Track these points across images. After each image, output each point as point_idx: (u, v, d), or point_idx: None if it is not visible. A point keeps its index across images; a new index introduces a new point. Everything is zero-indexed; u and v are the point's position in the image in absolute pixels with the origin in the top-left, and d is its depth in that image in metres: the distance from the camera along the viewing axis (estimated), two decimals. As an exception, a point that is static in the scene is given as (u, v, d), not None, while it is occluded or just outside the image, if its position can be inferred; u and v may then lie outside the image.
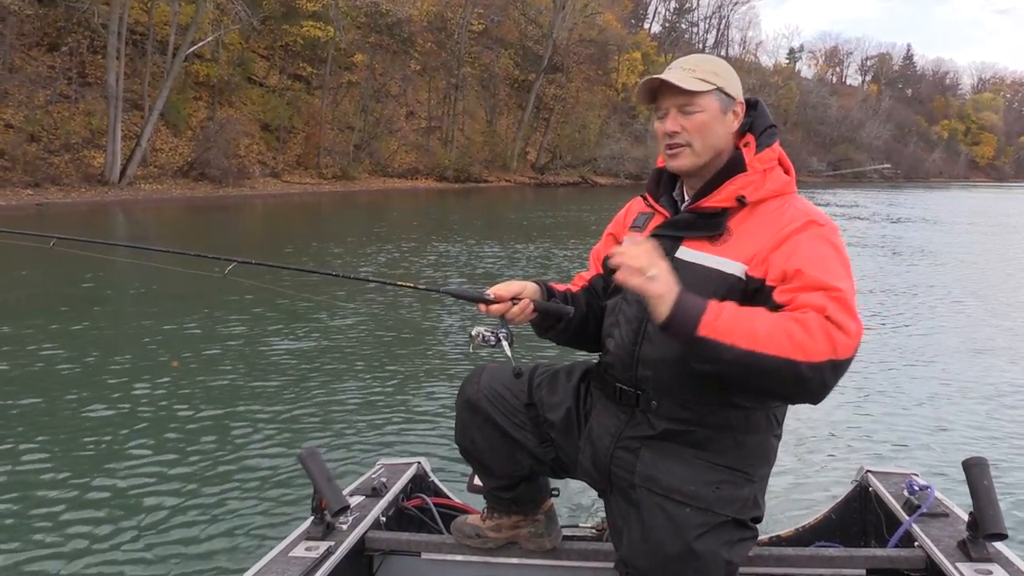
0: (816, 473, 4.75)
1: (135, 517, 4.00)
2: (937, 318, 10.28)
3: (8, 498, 4.18)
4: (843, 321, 1.55)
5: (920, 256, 17.68)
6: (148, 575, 3.52)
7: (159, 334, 7.95)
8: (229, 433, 5.22)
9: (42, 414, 5.53)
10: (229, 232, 20.97)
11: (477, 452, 2.13)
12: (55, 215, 22.51)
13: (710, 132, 1.80)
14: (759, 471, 1.79)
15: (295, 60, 40.72)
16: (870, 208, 35.45)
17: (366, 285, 10.59)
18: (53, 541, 3.76)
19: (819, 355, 1.53)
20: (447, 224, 22.88)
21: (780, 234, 1.69)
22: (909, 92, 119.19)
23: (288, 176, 36.71)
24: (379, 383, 6.46)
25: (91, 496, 4.23)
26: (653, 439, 1.81)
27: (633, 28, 72.38)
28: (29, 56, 29.63)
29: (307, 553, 2.13)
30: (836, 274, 1.62)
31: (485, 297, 1.92)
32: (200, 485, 4.41)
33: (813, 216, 1.73)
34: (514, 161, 50.82)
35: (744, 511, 1.76)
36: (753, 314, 1.58)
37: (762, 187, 1.77)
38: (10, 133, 26.73)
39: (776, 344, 1.52)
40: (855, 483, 2.78)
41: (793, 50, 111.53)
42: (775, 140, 1.84)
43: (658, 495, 1.78)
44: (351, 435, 5.26)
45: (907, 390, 6.75)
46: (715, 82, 1.80)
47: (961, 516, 2.30)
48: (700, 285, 1.69)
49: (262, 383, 6.32)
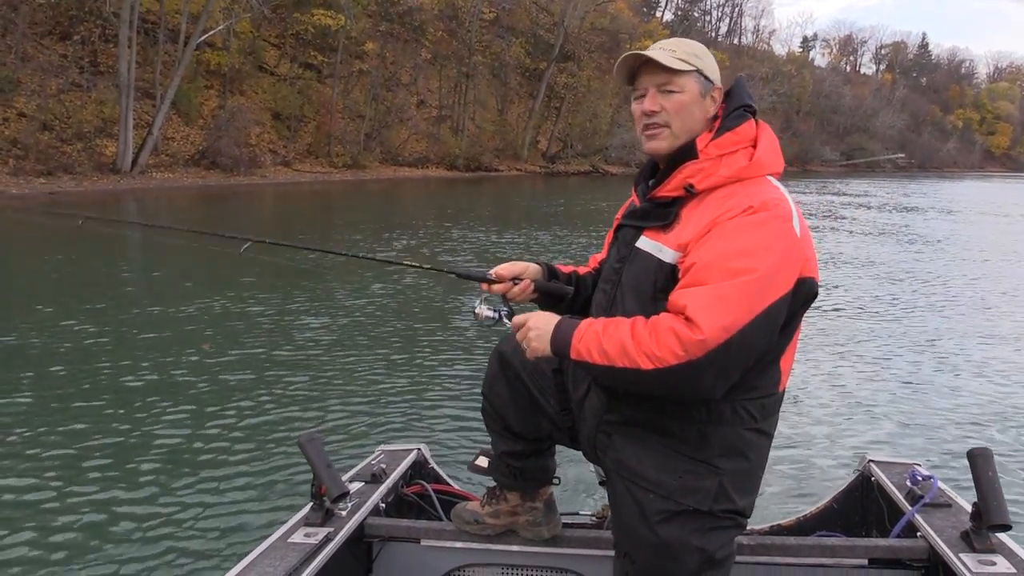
0: (818, 462, 4.76)
1: (135, 501, 4.02)
2: (943, 306, 10.26)
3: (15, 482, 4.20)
4: (700, 319, 1.55)
5: (927, 244, 17.65)
6: (146, 555, 3.54)
7: (165, 318, 7.99)
8: (229, 418, 5.24)
9: (40, 396, 5.57)
10: (242, 220, 20.98)
11: (501, 406, 2.14)
12: (68, 204, 22.59)
13: (688, 114, 1.77)
14: (727, 464, 1.74)
15: (306, 48, 40.66)
16: (880, 197, 35.24)
17: (368, 272, 10.58)
18: (52, 521, 3.80)
19: (665, 359, 1.57)
20: (459, 212, 22.87)
21: (715, 221, 1.65)
22: (924, 81, 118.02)
23: (299, 164, 36.72)
24: (379, 369, 6.47)
25: (89, 481, 4.25)
26: (624, 425, 1.83)
27: (645, 16, 71.97)
28: (41, 45, 29.71)
29: (306, 539, 2.13)
30: (731, 266, 1.58)
31: (488, 277, 2.02)
32: (199, 470, 4.43)
33: (754, 201, 1.65)
34: (525, 150, 50.68)
35: (705, 502, 1.72)
36: (613, 328, 1.66)
37: (713, 174, 1.72)
38: (23, 122, 26.81)
39: (623, 355, 1.62)
40: (857, 472, 2.77)
41: (807, 38, 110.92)
42: (742, 121, 1.77)
43: (625, 479, 1.81)
44: (351, 421, 5.28)
45: (910, 379, 6.74)
46: (695, 64, 1.78)
47: (964, 507, 2.28)
48: (644, 274, 1.75)
49: (262, 369, 6.33)
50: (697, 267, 1.62)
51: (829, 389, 6.31)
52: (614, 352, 1.63)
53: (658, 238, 1.75)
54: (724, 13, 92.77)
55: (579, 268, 2.18)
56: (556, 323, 1.76)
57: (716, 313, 1.54)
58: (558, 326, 1.75)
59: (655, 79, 1.78)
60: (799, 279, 1.65)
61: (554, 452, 2.25)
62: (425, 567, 2.35)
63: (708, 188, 1.72)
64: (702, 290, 1.58)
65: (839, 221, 23.11)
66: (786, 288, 1.62)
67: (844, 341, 8.00)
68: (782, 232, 1.63)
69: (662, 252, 1.72)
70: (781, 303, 1.61)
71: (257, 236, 2.57)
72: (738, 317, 1.55)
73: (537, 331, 1.77)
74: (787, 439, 4.97)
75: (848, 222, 22.97)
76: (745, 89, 1.84)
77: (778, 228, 1.63)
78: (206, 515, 3.92)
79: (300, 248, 2.61)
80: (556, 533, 2.26)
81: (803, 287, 1.67)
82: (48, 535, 3.70)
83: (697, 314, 1.55)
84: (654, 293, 1.73)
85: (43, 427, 5.01)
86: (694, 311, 1.55)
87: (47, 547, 3.60)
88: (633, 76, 1.83)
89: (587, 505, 2.91)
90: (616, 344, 1.63)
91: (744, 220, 1.63)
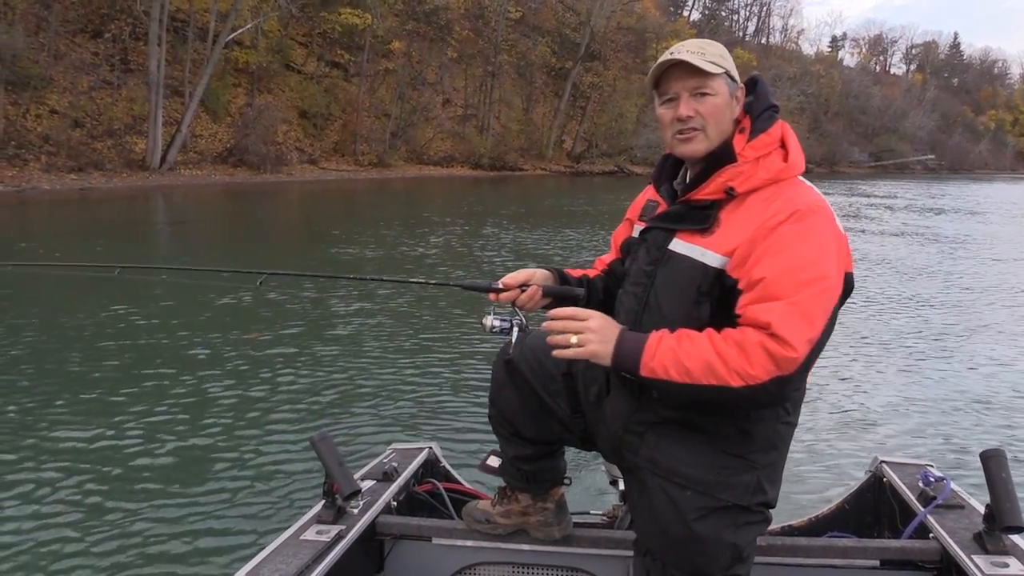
0: (830, 463, 4.74)
1: (149, 499, 4.05)
2: (959, 306, 10.20)
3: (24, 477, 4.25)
4: (789, 335, 1.55)
5: (946, 244, 17.53)
6: (160, 552, 3.57)
7: (178, 317, 8.05)
8: (243, 418, 5.28)
9: (52, 394, 5.63)
10: (271, 218, 21.15)
11: (509, 412, 2.13)
12: (98, 200, 22.94)
13: (721, 116, 1.77)
14: (764, 458, 1.76)
15: (333, 47, 40.98)
16: (906, 198, 34.83)
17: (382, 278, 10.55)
18: (71, 517, 3.84)
19: (758, 376, 1.56)
20: (486, 211, 22.93)
21: (763, 227, 1.65)
22: (955, 81, 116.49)
23: (325, 162, 37.00)
24: (391, 369, 6.50)
25: (104, 479, 4.28)
26: (658, 424, 1.82)
27: (672, 16, 71.71)
28: (73, 43, 30.17)
29: (318, 537, 2.14)
30: (803, 277, 1.59)
31: (494, 287, 1.99)
32: (214, 468, 4.46)
33: (799, 204, 1.66)
34: (550, 149, 50.68)
35: (745, 497, 1.74)
36: (690, 345, 1.62)
37: (753, 176, 1.71)
38: (55, 118, 27.27)
39: (708, 374, 1.58)
40: (869, 473, 2.75)
41: (835, 38, 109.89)
42: (772, 123, 1.77)
43: (660, 477, 1.79)
44: (363, 420, 5.31)
45: (924, 379, 6.69)
46: (724, 65, 1.76)
47: (977, 508, 2.26)
48: (686, 278, 1.73)
49: (277, 370, 6.37)
50: (768, 281, 1.60)
51: (842, 389, 6.30)
52: (698, 370, 1.59)
53: (697, 241, 1.73)
54: (752, 12, 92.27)
55: (588, 272, 2.16)
56: (620, 332, 1.71)
57: (803, 328, 1.56)
58: (623, 338, 1.69)
59: (687, 83, 1.75)
60: (846, 274, 1.69)
61: (564, 452, 2.25)
62: (436, 565, 2.36)
63: (747, 191, 1.71)
64: (782, 305, 1.57)
65: (861, 221, 22.96)
66: (841, 287, 1.66)
67: (857, 340, 7.94)
68: (833, 233, 1.67)
69: (705, 256, 1.70)
70: (839, 303, 1.66)
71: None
72: (819, 327, 1.58)
73: (600, 334, 1.70)
74: (800, 439, 4.97)
75: (869, 221, 22.82)
76: (768, 89, 1.84)
77: (828, 230, 1.66)
78: (220, 512, 3.94)
79: (310, 276, 2.66)
80: (567, 533, 2.26)
81: (848, 281, 1.70)
82: (66, 531, 3.73)
83: (784, 330, 1.55)
84: (697, 296, 1.72)
85: (58, 424, 5.05)
86: (780, 327, 1.55)
87: (64, 542, 3.63)
88: (657, 79, 1.81)
89: (598, 504, 2.89)
90: (699, 362, 1.60)
91: (798, 227, 1.63)
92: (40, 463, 4.47)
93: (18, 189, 23.46)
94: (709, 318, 1.71)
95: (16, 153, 25.42)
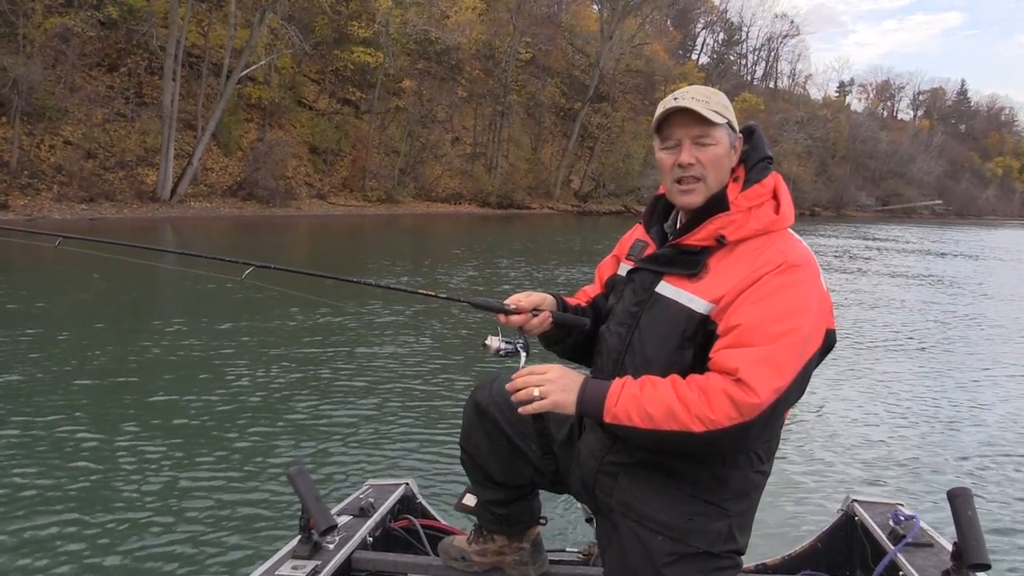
0: (803, 501, 4.75)
1: (122, 532, 3.96)
2: (933, 347, 10.27)
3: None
4: (754, 382, 1.55)
5: (931, 286, 17.77)
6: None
7: (156, 345, 7.98)
8: (217, 450, 5.19)
9: (16, 424, 5.48)
10: (277, 250, 21.20)
11: (480, 457, 2.12)
12: (107, 230, 23.07)
13: (721, 166, 1.77)
14: (737, 506, 1.76)
15: (345, 84, 41.49)
16: (911, 242, 34.84)
17: (361, 307, 10.42)
18: (31, 554, 3.73)
19: (719, 422, 1.56)
20: (495, 247, 23.07)
21: (750, 276, 1.66)
22: (962, 128, 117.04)
23: (334, 198, 37.26)
24: (369, 403, 6.44)
25: (78, 511, 4.18)
26: (632, 466, 1.81)
27: (681, 59, 72.43)
28: (90, 76, 30.65)
29: (294, 572, 2.13)
30: (779, 328, 1.60)
31: (507, 308, 1.94)
32: (187, 501, 4.37)
33: (789, 257, 1.68)
34: (557, 189, 50.95)
35: (716, 544, 1.74)
36: (652, 391, 1.63)
37: (744, 226, 1.73)
38: (68, 149, 27.62)
39: (670, 419, 1.59)
40: (841, 512, 2.78)
41: (843, 83, 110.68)
42: (767, 174, 1.78)
43: (632, 520, 1.79)
44: (340, 454, 5.25)
45: (895, 419, 6.74)
46: (726, 115, 1.77)
47: (946, 546, 2.28)
48: (670, 322, 1.73)
49: (252, 400, 6.31)
50: (742, 328, 1.62)
51: (816, 427, 6.31)
52: (659, 416, 1.60)
53: (684, 286, 1.74)
54: (760, 57, 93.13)
55: (579, 300, 2.15)
56: (583, 380, 1.72)
57: (770, 376, 1.57)
58: (586, 384, 1.71)
59: (690, 131, 1.75)
60: (826, 331, 1.70)
61: (538, 493, 2.24)
62: None
63: (738, 240, 1.73)
64: (752, 352, 1.58)
65: (853, 261, 23.16)
66: (819, 342, 1.67)
67: (832, 380, 7.95)
68: (815, 289, 1.68)
69: (692, 302, 1.71)
70: (816, 357, 1.67)
71: (290, 265, 2.52)
72: (787, 378, 1.59)
73: (561, 384, 1.70)
74: (774, 478, 4.83)
75: (851, 260, 23.05)
76: (764, 140, 1.84)
77: (812, 285, 1.68)
78: (194, 546, 3.86)
79: (306, 273, 2.56)
80: (543, 571, 2.25)
81: (828, 338, 1.71)
82: (29, 565, 3.63)
83: (751, 377, 1.56)
84: (681, 342, 1.72)
85: (19, 457, 4.90)
86: (747, 374, 1.56)
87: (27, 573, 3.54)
88: (660, 124, 1.80)
89: (573, 542, 2.87)
90: (661, 407, 1.60)
91: (782, 279, 1.64)
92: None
93: (29, 217, 23.67)
94: (691, 363, 1.71)
95: (28, 183, 25.70)
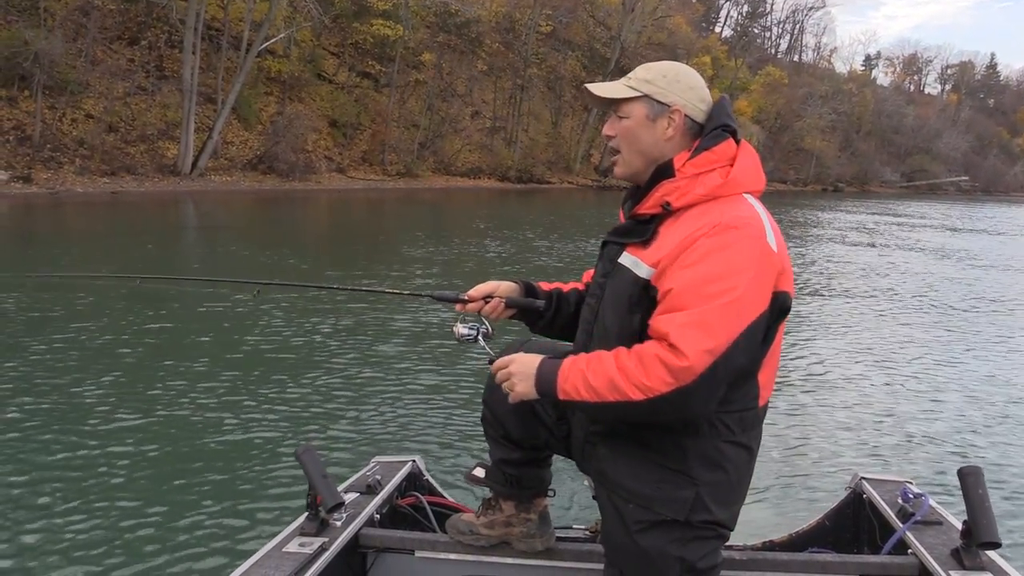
0: (811, 479, 4.75)
1: (130, 511, 4.02)
2: (940, 324, 10.22)
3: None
4: (684, 345, 1.57)
5: (944, 261, 17.67)
6: (141, 564, 3.54)
7: (159, 330, 8.02)
8: (226, 429, 5.25)
9: (31, 407, 5.53)
10: (298, 226, 21.29)
11: (501, 412, 2.17)
12: (128, 203, 23.30)
13: (635, 139, 1.84)
14: (706, 475, 1.75)
15: (364, 58, 41.35)
16: (935, 218, 34.39)
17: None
18: (45, 535, 3.77)
19: (656, 388, 1.58)
20: (518, 221, 23.14)
21: (687, 240, 1.68)
22: (991, 102, 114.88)
23: (353, 172, 37.28)
24: (375, 382, 6.48)
25: (82, 492, 4.23)
26: (608, 436, 1.86)
27: (703, 32, 71.53)
28: (110, 49, 30.73)
29: (301, 549, 2.15)
30: (709, 290, 1.60)
31: (460, 298, 2.16)
32: (196, 480, 4.43)
33: (725, 218, 1.68)
34: (577, 163, 50.70)
35: (683, 512, 1.74)
36: (597, 364, 1.68)
37: (689, 192, 1.74)
38: (90, 123, 27.78)
39: (612, 390, 1.63)
40: (849, 490, 2.78)
41: (869, 57, 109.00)
42: (719, 141, 1.78)
43: (607, 489, 1.86)
44: (347, 433, 5.29)
45: (905, 396, 6.70)
46: (643, 89, 1.82)
47: (955, 524, 2.28)
48: (623, 290, 1.78)
49: (260, 381, 6.35)
50: (675, 292, 1.64)
51: (823, 405, 6.28)
52: (602, 387, 1.65)
53: (637, 253, 1.79)
54: (785, 30, 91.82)
55: (565, 285, 2.23)
56: (538, 364, 1.78)
57: (699, 338, 1.57)
58: (540, 368, 1.77)
59: (601, 106, 1.89)
60: (774, 293, 1.68)
61: (550, 464, 2.27)
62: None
63: (684, 206, 1.74)
64: (682, 315, 1.60)
65: (869, 235, 22.99)
66: (763, 305, 1.65)
67: (839, 356, 7.89)
68: (754, 249, 1.66)
69: (638, 267, 1.76)
70: (760, 320, 1.65)
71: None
72: (720, 340, 1.58)
73: (520, 374, 1.79)
74: (781, 455, 4.98)
75: (866, 233, 22.97)
76: (725, 110, 1.85)
77: (749, 246, 1.66)
78: (202, 524, 3.91)
79: (297, 285, 2.62)
80: (549, 545, 2.28)
81: (777, 301, 1.69)
82: (41, 544, 3.67)
83: (681, 340, 1.57)
84: (629, 307, 1.77)
85: (31, 438, 4.95)
86: (677, 338, 1.57)
87: (36, 554, 3.58)
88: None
89: (581, 520, 2.88)
90: (603, 379, 1.65)
91: (715, 240, 1.65)
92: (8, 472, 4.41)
93: (52, 191, 23.93)
94: (639, 330, 1.73)
95: (51, 156, 25.91)
